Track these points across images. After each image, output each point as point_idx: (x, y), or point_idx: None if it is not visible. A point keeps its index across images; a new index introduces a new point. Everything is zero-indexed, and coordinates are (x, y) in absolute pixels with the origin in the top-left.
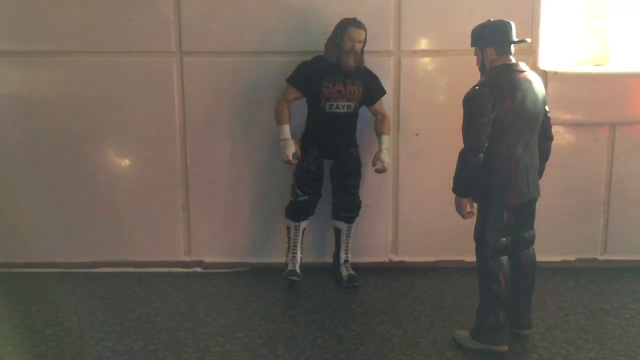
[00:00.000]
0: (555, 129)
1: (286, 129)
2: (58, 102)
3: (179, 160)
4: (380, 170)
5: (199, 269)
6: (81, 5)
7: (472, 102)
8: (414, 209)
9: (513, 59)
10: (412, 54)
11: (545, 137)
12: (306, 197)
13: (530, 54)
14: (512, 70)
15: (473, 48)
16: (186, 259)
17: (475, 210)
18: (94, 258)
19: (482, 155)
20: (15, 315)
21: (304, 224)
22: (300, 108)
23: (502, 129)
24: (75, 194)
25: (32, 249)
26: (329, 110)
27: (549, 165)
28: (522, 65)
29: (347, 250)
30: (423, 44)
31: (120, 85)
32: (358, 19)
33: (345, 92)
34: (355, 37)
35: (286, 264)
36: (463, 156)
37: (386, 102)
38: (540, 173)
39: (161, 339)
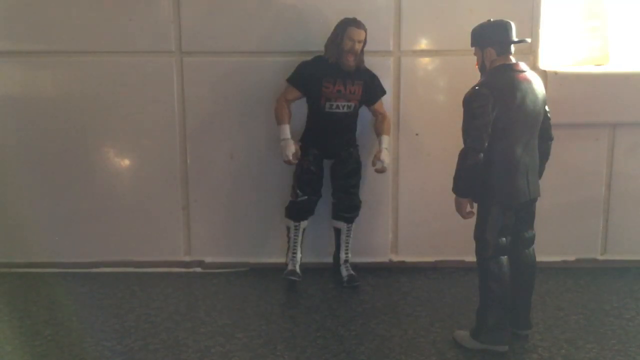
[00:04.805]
0: (555, 129)
1: (286, 129)
2: (58, 102)
3: (179, 160)
4: (380, 170)
5: (199, 269)
6: (81, 5)
7: (472, 102)
8: (414, 209)
9: (513, 59)
10: (412, 54)
11: (546, 137)
12: (306, 197)
13: (530, 54)
14: (512, 70)
15: (473, 48)
16: (186, 259)
17: (475, 210)
18: (94, 258)
19: (482, 155)
20: (15, 315)
21: (304, 224)
22: (300, 108)
23: (502, 129)
24: (75, 194)
25: (32, 249)
26: (329, 110)
27: (549, 165)
28: (522, 65)
29: (347, 250)
30: (423, 44)
31: (120, 85)
32: (358, 19)
33: (345, 92)
34: (355, 37)
35: (286, 264)
36: (463, 156)
37: (386, 102)
38: (540, 173)
39: (161, 339)
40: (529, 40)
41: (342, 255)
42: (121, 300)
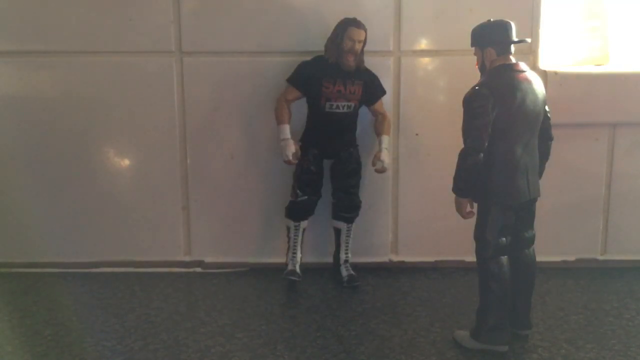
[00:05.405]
0: (555, 129)
1: (286, 129)
2: (58, 102)
3: (179, 160)
4: (380, 171)
5: (199, 269)
6: (81, 5)
7: (472, 102)
8: (414, 209)
9: (513, 59)
10: (412, 54)
11: (545, 137)
12: (306, 197)
13: (530, 54)
14: (512, 70)
15: (473, 48)
16: (186, 259)
17: (475, 210)
18: (94, 258)
19: (482, 155)
20: (15, 315)
21: (304, 224)
22: (300, 108)
23: (502, 129)
24: (75, 194)
25: (32, 249)
26: (329, 110)
27: (549, 165)
28: (522, 65)
29: (347, 250)
30: (423, 44)
31: (120, 85)
32: (358, 19)
33: (345, 92)
34: (355, 37)
35: (286, 264)
36: (463, 156)
37: (386, 102)
38: (540, 173)
39: (161, 339)
40: (529, 40)
41: (342, 255)
42: (121, 300)
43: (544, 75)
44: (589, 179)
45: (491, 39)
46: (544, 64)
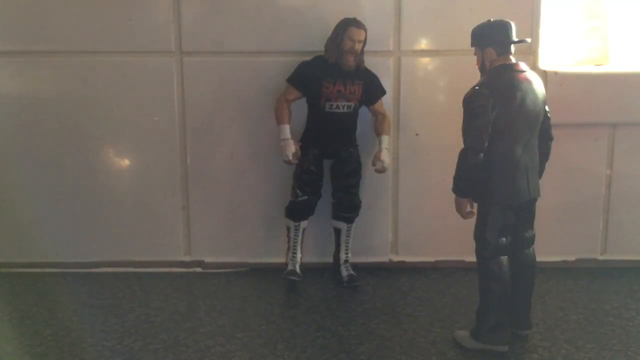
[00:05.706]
0: (555, 129)
1: (286, 129)
2: (58, 102)
3: (179, 160)
4: (380, 171)
5: (198, 269)
6: (81, 5)
7: (472, 102)
8: (414, 209)
9: (513, 59)
10: (412, 54)
11: (545, 137)
12: (306, 197)
13: (530, 54)
14: (512, 70)
15: (473, 48)
16: (186, 259)
17: (475, 210)
18: (94, 258)
19: (482, 155)
20: (15, 315)
21: (304, 224)
22: (300, 108)
23: (502, 129)
24: (75, 194)
25: (32, 249)
26: (329, 110)
27: (549, 165)
28: (522, 65)
29: (347, 250)
30: (423, 44)
31: (120, 85)
32: (358, 19)
33: (345, 92)
34: (355, 37)
35: (286, 264)
36: (463, 156)
37: (386, 102)
38: (540, 173)
39: (161, 339)
40: (529, 40)
41: (342, 255)
42: (121, 300)
43: (544, 75)
44: (589, 179)
45: (491, 39)
46: (544, 64)
